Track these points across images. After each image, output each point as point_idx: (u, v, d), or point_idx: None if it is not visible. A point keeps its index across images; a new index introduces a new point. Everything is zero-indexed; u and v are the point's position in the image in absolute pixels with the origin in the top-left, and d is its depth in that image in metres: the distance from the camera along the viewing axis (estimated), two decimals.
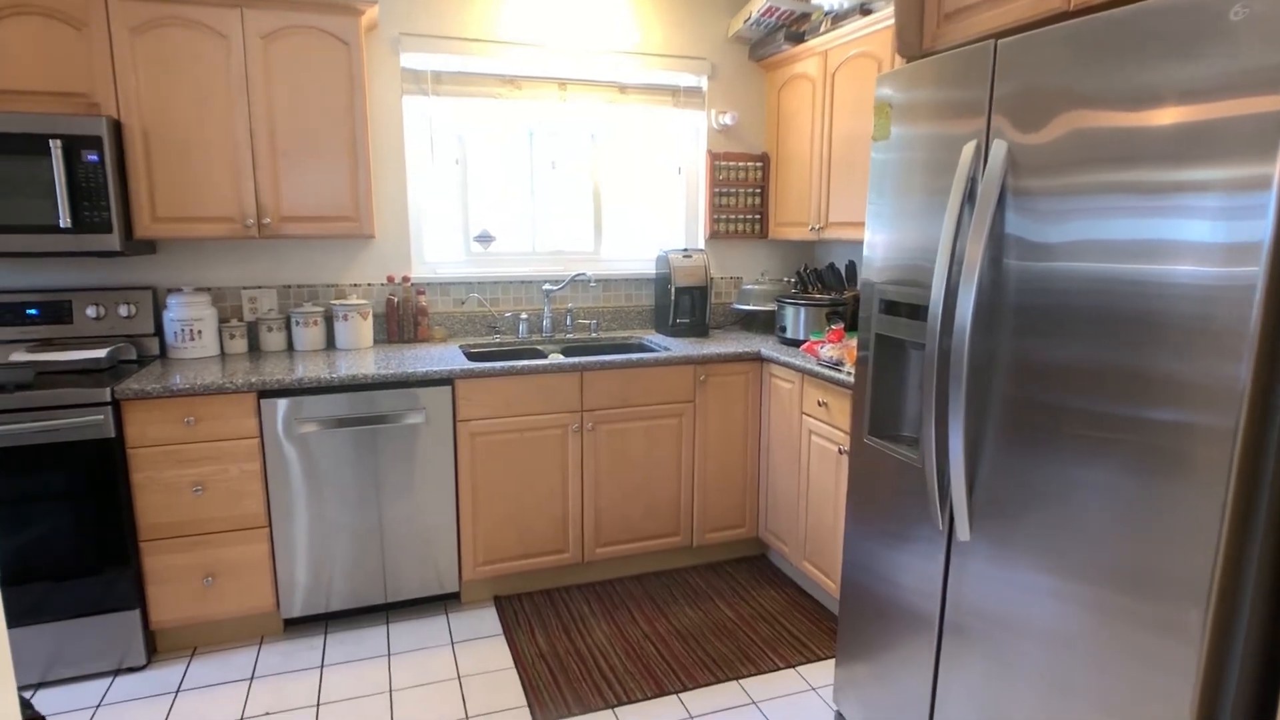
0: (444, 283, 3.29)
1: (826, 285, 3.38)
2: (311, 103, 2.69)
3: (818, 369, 2.68)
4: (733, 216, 3.60)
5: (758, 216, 3.64)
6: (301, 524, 2.61)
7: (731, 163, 3.57)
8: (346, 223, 2.80)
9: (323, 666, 2.51)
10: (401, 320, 3.19)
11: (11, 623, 2.33)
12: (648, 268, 3.61)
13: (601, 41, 3.31)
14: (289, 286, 3.09)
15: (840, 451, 2.60)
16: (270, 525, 2.58)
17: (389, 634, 2.71)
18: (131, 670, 2.49)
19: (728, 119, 3.53)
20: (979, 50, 1.61)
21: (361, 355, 2.90)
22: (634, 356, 2.91)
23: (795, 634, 2.70)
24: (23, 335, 2.70)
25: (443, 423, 2.71)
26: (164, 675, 2.47)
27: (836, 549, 2.67)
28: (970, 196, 1.64)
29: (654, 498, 3.04)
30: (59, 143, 2.36)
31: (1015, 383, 1.55)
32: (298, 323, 2.98)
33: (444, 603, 2.91)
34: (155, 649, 2.59)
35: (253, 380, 2.47)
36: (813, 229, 3.20)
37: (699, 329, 3.42)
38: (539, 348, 3.29)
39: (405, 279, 3.18)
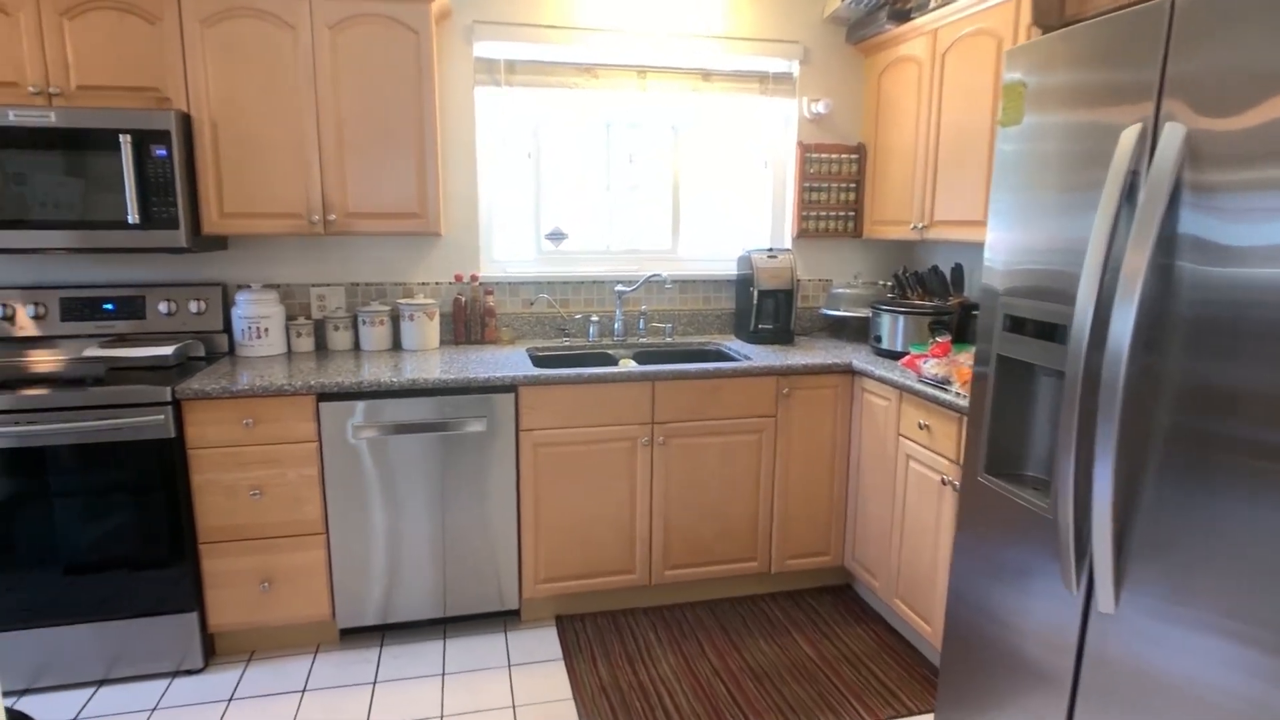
0: (513, 282, 3.14)
1: (929, 290, 3.05)
2: (379, 95, 2.58)
3: (919, 387, 2.37)
4: (823, 213, 3.31)
5: (851, 213, 3.33)
6: (359, 532, 2.51)
7: (824, 155, 3.27)
8: (413, 220, 2.68)
9: (375, 683, 2.40)
10: (468, 321, 3.06)
11: (77, 619, 2.32)
12: (728, 268, 3.37)
13: (684, 25, 3.08)
14: (357, 284, 3.01)
15: (944, 483, 2.29)
16: (327, 532, 2.49)
17: (445, 651, 2.58)
18: (190, 673, 2.45)
19: (820, 107, 3.24)
20: (1147, 13, 1.30)
21: (426, 357, 2.78)
22: (710, 366, 2.67)
23: (884, 681, 2.41)
24: (99, 330, 2.70)
25: (505, 431, 2.55)
26: (219, 681, 2.41)
27: (936, 589, 2.36)
28: (1129, 192, 1.33)
29: (729, 519, 2.80)
30: (128, 138, 2.32)
31: (1183, 413, 1.24)
32: (364, 322, 2.89)
33: (503, 620, 2.77)
34: (214, 651, 2.54)
35: (311, 383, 2.37)
36: (915, 228, 2.88)
37: (783, 336, 3.15)
38: (610, 352, 3.10)
39: (473, 278, 3.05)
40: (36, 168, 2.30)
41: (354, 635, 2.66)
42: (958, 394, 2.23)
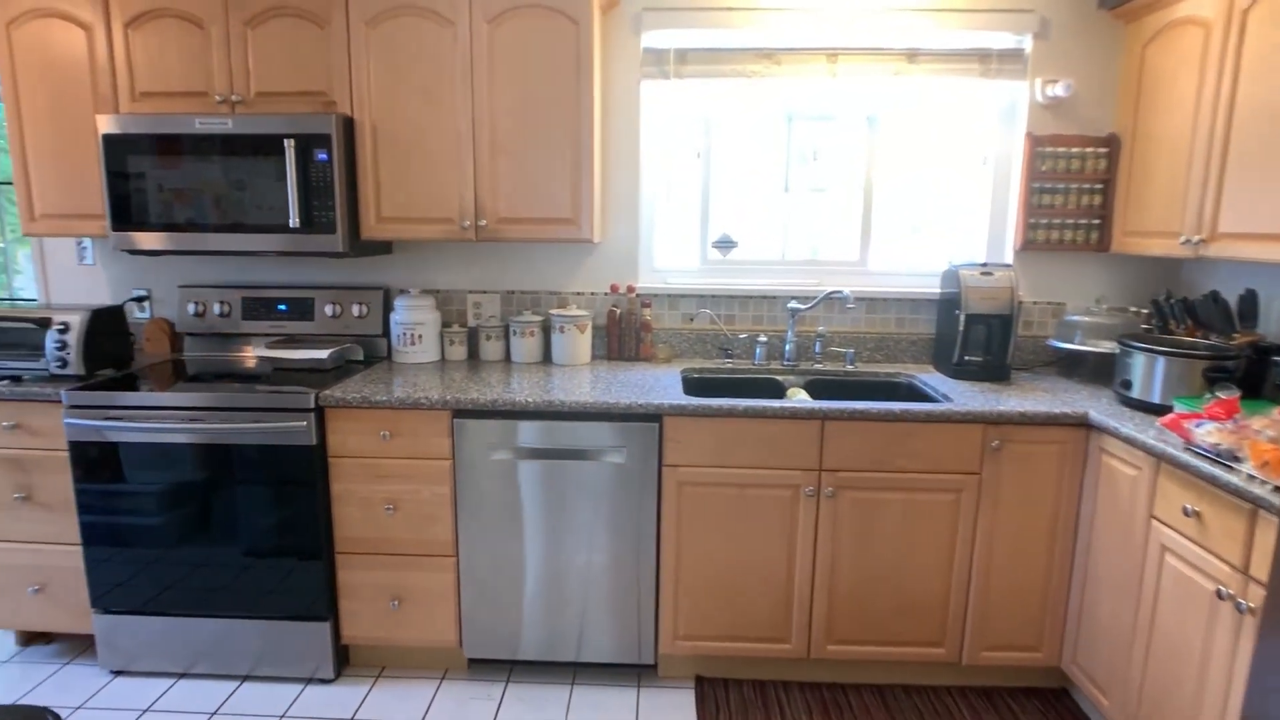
0: (673, 294, 2.85)
1: (1202, 324, 2.33)
2: (535, 92, 2.40)
3: (1188, 459, 1.75)
4: (1057, 221, 2.67)
5: (1095, 221, 2.66)
6: (489, 559, 2.34)
7: (1060, 149, 2.64)
8: (564, 226, 2.48)
9: None
10: (623, 335, 2.81)
11: (230, 614, 2.36)
12: (929, 285, 2.83)
13: None
14: (512, 292, 2.87)
15: (1221, 596, 1.66)
16: (458, 555, 2.35)
17: (571, 699, 2.34)
18: (322, 682, 2.42)
19: (1059, 90, 2.60)
20: None
21: (573, 374, 2.56)
22: (898, 407, 2.20)
23: None
24: (273, 329, 2.79)
25: (647, 465, 2.26)
26: (346, 695, 2.35)
27: None
28: None
29: (911, 592, 2.30)
30: (292, 142, 2.33)
31: None
32: (515, 333, 2.74)
33: (637, 673, 2.48)
34: (348, 662, 2.51)
35: (447, 398, 2.23)
36: (1187, 241, 2.19)
37: (996, 372, 2.57)
38: (777, 378, 2.70)
39: (630, 289, 2.80)
40: (213, 173, 2.37)
41: (482, 666, 2.51)
42: (1251, 477, 1.59)
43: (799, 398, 2.51)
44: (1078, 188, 2.64)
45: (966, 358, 2.58)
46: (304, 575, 2.33)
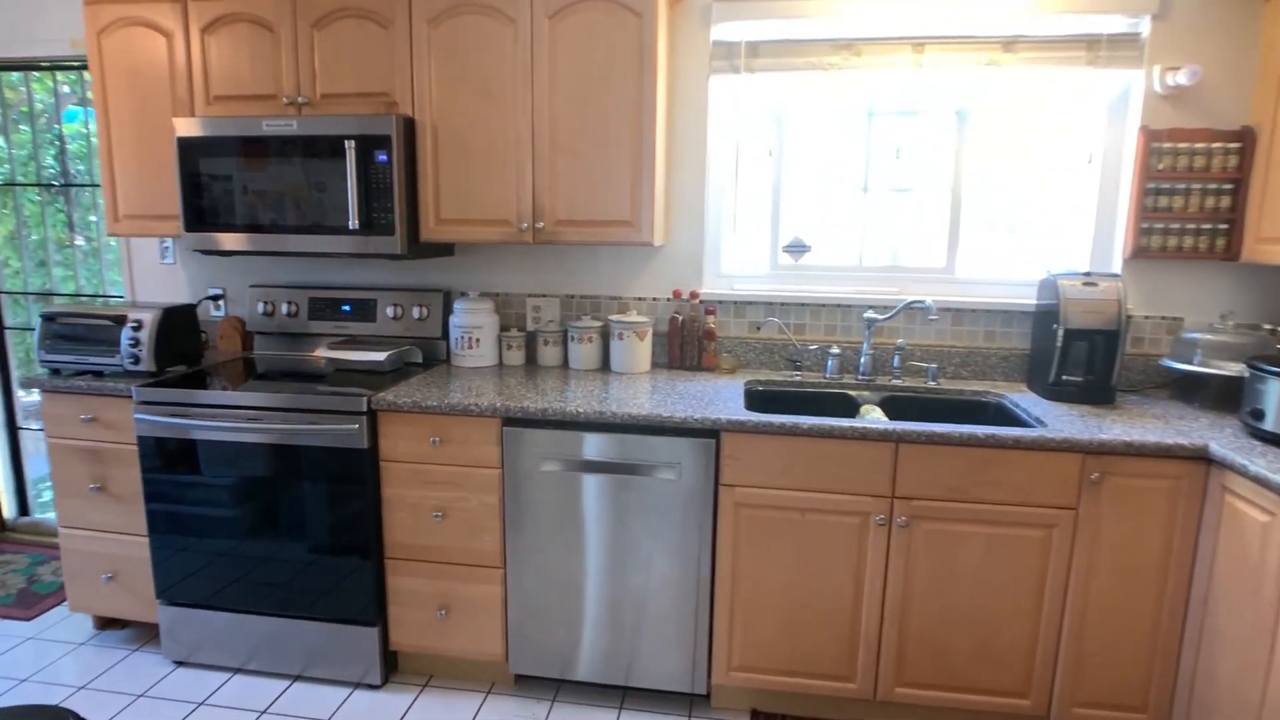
0: (739, 301, 2.69)
1: None
2: (596, 90, 2.30)
3: None
4: (1175, 225, 2.37)
5: (1223, 226, 2.34)
6: (536, 574, 2.26)
7: (1182, 144, 2.34)
8: (623, 228, 2.37)
9: None
10: (685, 343, 2.68)
11: (283, 613, 2.37)
12: (1023, 296, 2.57)
13: None
14: (572, 297, 2.79)
15: None
16: (505, 568, 2.27)
17: None
18: (370, 687, 2.40)
19: (1182, 78, 2.31)
20: None
21: (630, 383, 2.46)
22: (982, 431, 1.98)
23: None
24: (336, 330, 2.80)
25: (702, 483, 2.13)
26: (393, 702, 2.32)
27: None
28: None
29: (992, 636, 2.07)
30: (353, 143, 2.31)
31: None
32: (572, 338, 2.66)
33: (688, 702, 2.34)
34: (396, 668, 2.48)
35: (496, 404, 2.16)
36: None
37: (1099, 394, 2.30)
38: (850, 393, 2.51)
39: (693, 295, 2.67)
40: (278, 174, 2.39)
41: (528, 682, 2.43)
42: None
43: (873, 416, 2.32)
44: (1201, 188, 2.34)
45: (1065, 377, 2.32)
46: (354, 578, 2.31)
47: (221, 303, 3.01)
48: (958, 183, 2.60)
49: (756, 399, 2.52)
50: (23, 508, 3.52)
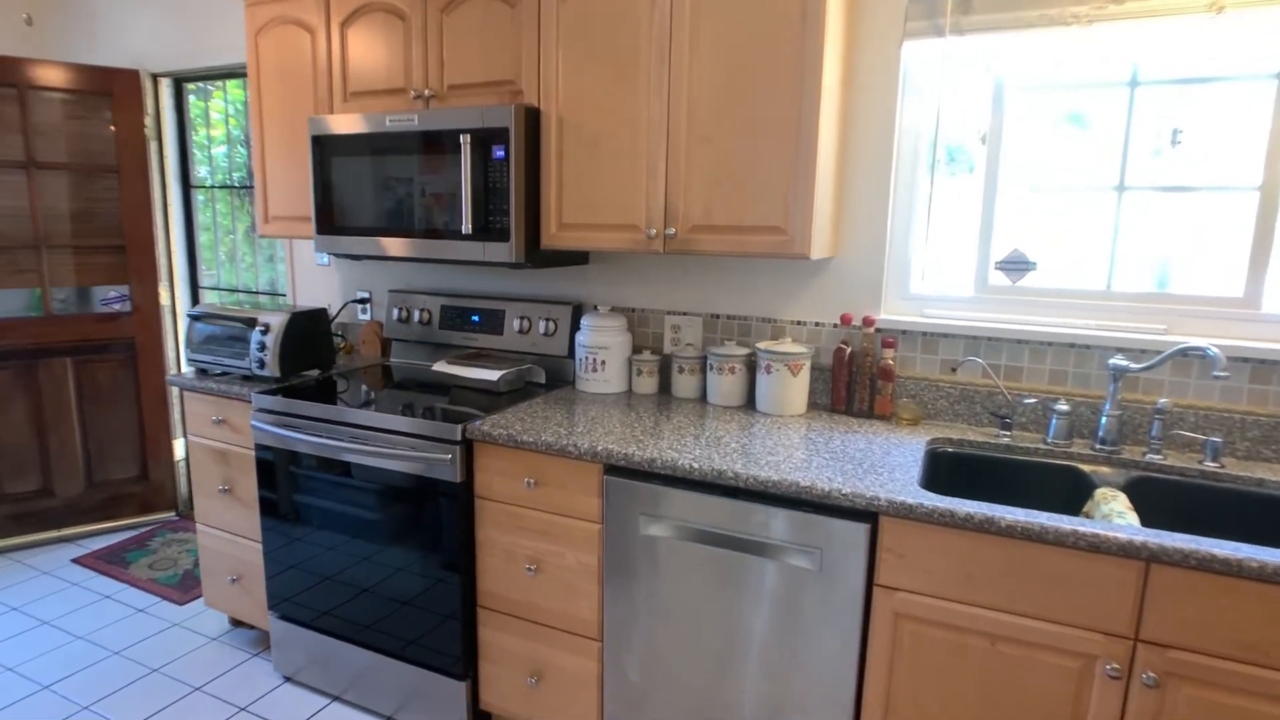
0: (930, 332, 2.09)
1: None
2: (745, 64, 1.84)
3: None
4: None
5: None
6: (639, 656, 1.86)
7: None
8: (771, 236, 1.89)
9: None
10: (852, 382, 2.13)
11: (378, 649, 2.19)
12: None
13: None
14: (717, 316, 2.35)
15: None
16: (602, 642, 1.90)
17: None
18: None
19: None
20: None
21: (777, 429, 1.97)
22: None
23: None
24: (464, 341, 2.60)
25: (850, 580, 1.60)
26: None
27: None
28: None
29: None
30: (468, 138, 2.06)
31: None
32: (712, 367, 2.22)
33: None
34: None
35: (598, 449, 1.79)
36: None
37: None
38: (1082, 469, 1.82)
39: (867, 321, 2.11)
40: (398, 173, 2.21)
41: None
42: None
43: (1112, 508, 1.63)
44: None
45: None
46: (445, 625, 2.06)
47: (368, 306, 2.94)
48: (1273, 178, 1.80)
49: (942, 465, 1.91)
50: None
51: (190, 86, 3.43)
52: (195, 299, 3.61)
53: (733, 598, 1.72)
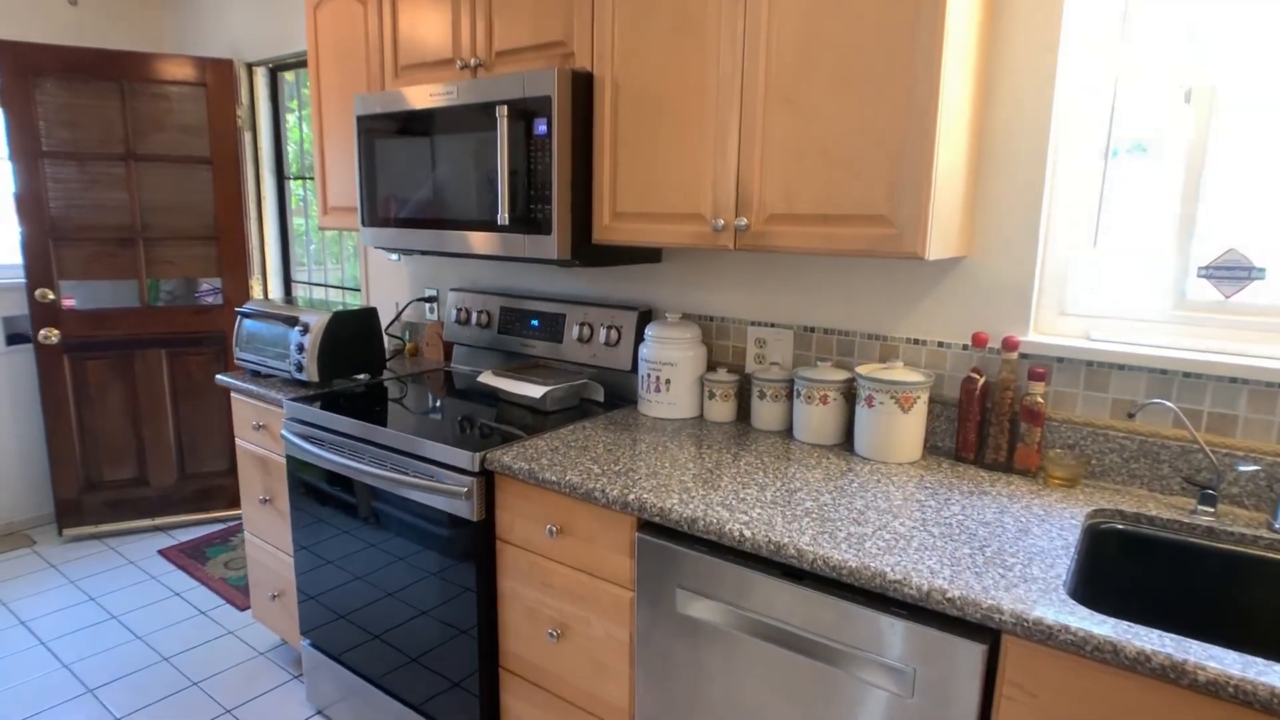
0: (1098, 361, 1.54)
1: None
2: (840, 6, 1.39)
3: None
4: None
5: None
6: None
7: None
8: (871, 229, 1.42)
9: None
10: (986, 423, 1.62)
11: (400, 699, 1.93)
12: None
13: None
14: (811, 330, 1.89)
15: None
16: None
17: None
18: None
19: None
20: None
21: (876, 481, 1.50)
22: None
23: None
24: (522, 348, 2.30)
25: (953, 712, 1.12)
26: None
27: None
28: None
29: None
30: (505, 110, 1.73)
31: None
32: (798, 394, 1.77)
33: None
34: None
35: (629, 498, 1.41)
36: None
37: None
38: None
39: (1009, 344, 1.58)
40: (437, 155, 1.92)
41: None
42: None
43: None
44: None
45: None
46: (465, 684, 1.76)
47: (435, 306, 2.72)
48: None
49: (1107, 551, 1.37)
50: None
51: (288, 76, 3.37)
52: (288, 292, 3.57)
53: (789, 713, 1.28)
